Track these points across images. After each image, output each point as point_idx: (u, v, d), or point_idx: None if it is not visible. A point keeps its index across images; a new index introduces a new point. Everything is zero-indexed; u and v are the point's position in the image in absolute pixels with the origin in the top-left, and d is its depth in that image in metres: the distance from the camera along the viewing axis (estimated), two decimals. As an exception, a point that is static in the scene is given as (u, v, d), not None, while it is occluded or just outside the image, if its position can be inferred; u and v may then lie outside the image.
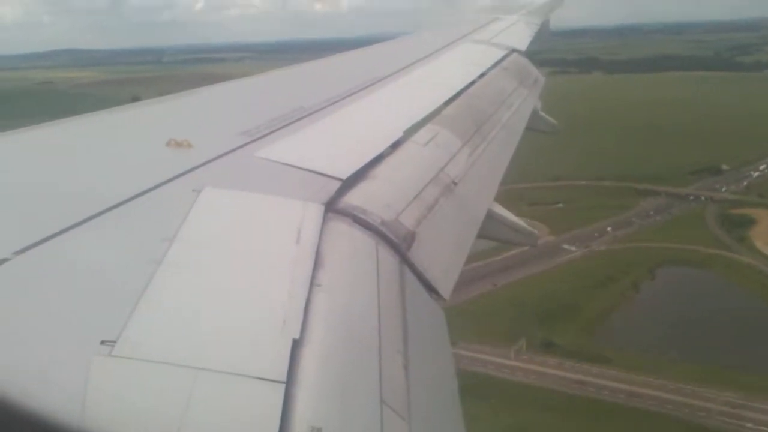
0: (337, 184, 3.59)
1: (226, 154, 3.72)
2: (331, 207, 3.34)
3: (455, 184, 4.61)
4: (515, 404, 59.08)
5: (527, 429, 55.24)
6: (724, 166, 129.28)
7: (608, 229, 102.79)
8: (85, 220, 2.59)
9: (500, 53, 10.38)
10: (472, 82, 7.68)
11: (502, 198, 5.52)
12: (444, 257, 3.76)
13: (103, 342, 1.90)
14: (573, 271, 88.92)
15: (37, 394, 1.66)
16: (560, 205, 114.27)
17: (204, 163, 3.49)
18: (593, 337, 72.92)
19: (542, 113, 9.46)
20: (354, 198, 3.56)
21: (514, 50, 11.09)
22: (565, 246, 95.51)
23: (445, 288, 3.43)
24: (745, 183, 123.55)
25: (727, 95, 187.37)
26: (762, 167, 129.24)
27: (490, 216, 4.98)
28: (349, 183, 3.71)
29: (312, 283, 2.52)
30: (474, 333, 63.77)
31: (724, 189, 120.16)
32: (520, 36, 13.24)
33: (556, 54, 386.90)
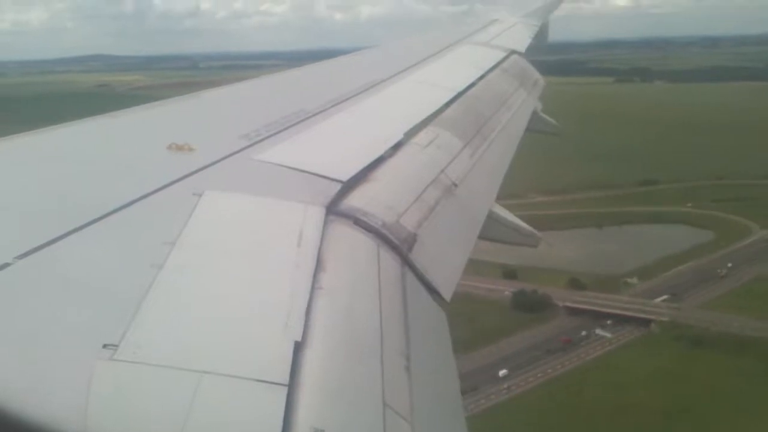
0: (338, 187, 3.58)
1: (227, 157, 3.71)
2: (332, 209, 3.34)
3: (456, 185, 4.59)
4: None
5: None
6: None
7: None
8: (86, 224, 2.58)
9: (500, 55, 10.34)
10: (472, 84, 7.64)
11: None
12: (446, 259, 3.76)
13: (105, 346, 1.91)
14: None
15: (39, 399, 1.67)
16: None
17: (205, 167, 3.48)
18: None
19: (543, 114, 9.38)
20: (355, 200, 3.56)
21: (513, 51, 11.06)
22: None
23: (447, 290, 3.43)
24: None
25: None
26: None
27: (492, 217, 4.97)
28: (350, 185, 3.70)
29: (314, 286, 2.54)
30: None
31: None
32: (520, 38, 13.19)
33: (603, 63, 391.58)
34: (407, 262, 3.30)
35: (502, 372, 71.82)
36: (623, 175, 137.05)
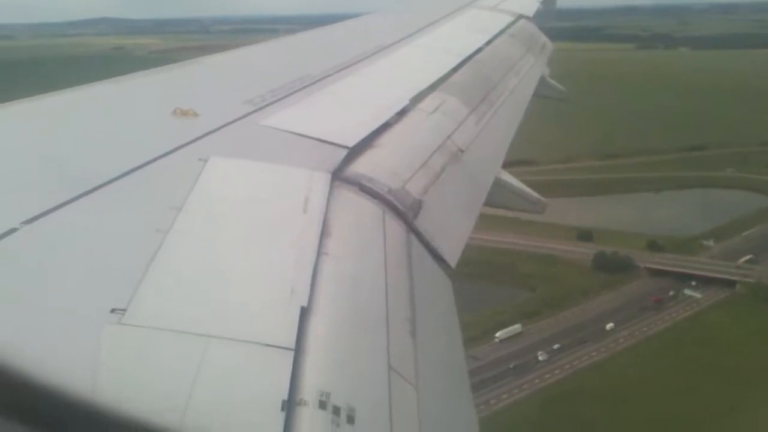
0: (343, 153, 3.56)
1: (231, 122, 3.70)
2: (338, 175, 3.33)
3: (462, 151, 4.57)
4: None
5: None
6: None
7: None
8: (92, 190, 2.58)
9: (507, 19, 10.24)
10: (479, 49, 7.57)
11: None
12: (451, 225, 3.75)
13: (113, 310, 1.92)
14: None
15: (48, 362, 1.68)
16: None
17: (210, 132, 3.47)
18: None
19: (550, 79, 9.31)
20: (360, 166, 3.54)
21: (521, 16, 10.95)
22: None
23: (452, 256, 3.42)
24: None
25: None
26: None
27: (498, 183, 4.93)
28: (356, 151, 3.68)
29: (319, 252, 2.53)
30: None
31: None
32: (527, 2, 13.00)
33: (621, 30, 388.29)
34: (413, 229, 3.30)
35: (609, 325, 73.71)
36: (670, 141, 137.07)
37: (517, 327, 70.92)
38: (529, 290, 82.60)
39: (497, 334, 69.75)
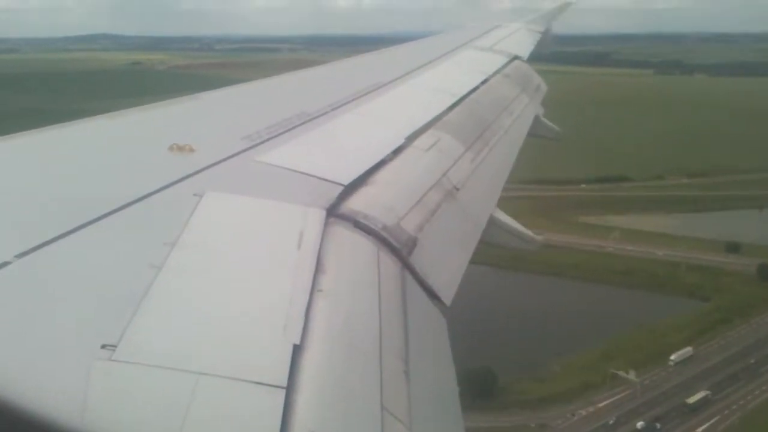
0: (338, 189, 3.60)
1: (228, 158, 3.73)
2: (333, 212, 3.35)
3: (457, 189, 4.60)
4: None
5: None
6: None
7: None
8: (87, 224, 2.59)
9: (502, 60, 10.44)
10: (475, 89, 7.71)
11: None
12: (446, 263, 3.76)
13: (104, 346, 1.91)
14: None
15: (38, 398, 1.66)
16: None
17: (206, 168, 3.50)
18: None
19: (544, 119, 9.39)
20: (355, 203, 3.56)
21: (516, 57, 11.17)
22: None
23: (447, 294, 3.43)
24: None
25: None
26: None
27: (492, 222, 4.97)
28: (351, 188, 3.71)
29: (313, 288, 2.53)
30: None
31: None
32: (522, 43, 13.33)
33: (628, 56, 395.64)
34: (407, 266, 3.30)
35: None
36: (741, 161, 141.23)
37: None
38: (701, 300, 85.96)
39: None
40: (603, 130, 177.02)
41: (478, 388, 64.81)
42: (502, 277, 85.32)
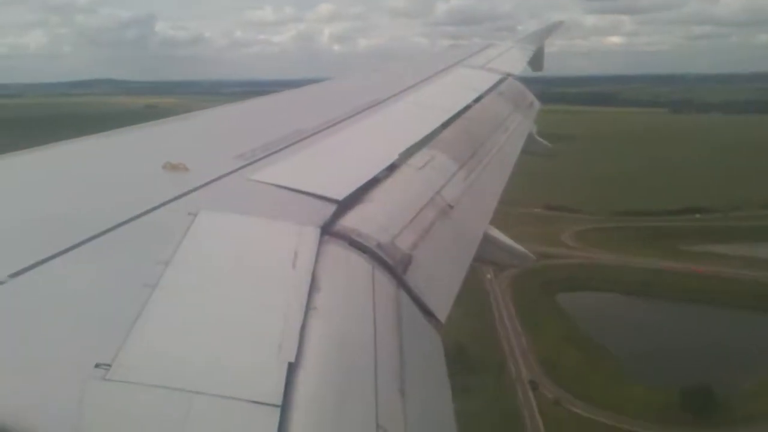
0: (333, 207, 3.60)
1: (222, 177, 3.73)
2: (327, 230, 3.34)
3: (451, 207, 4.61)
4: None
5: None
6: None
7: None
8: (81, 243, 2.60)
9: (495, 78, 10.49)
10: (468, 107, 7.73)
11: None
12: (441, 280, 3.76)
13: (97, 365, 1.90)
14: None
15: (30, 418, 1.66)
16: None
17: (200, 186, 3.50)
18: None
19: (537, 137, 9.48)
20: (350, 220, 3.56)
21: (509, 75, 11.21)
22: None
23: (442, 311, 3.43)
24: None
25: None
26: None
27: (486, 239, 4.98)
28: (346, 206, 3.72)
29: (308, 307, 2.53)
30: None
31: None
32: (515, 61, 13.40)
33: (634, 95, 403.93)
34: (402, 284, 3.29)
35: None
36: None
37: None
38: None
39: None
40: (659, 164, 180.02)
41: (699, 405, 67.00)
42: (633, 304, 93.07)
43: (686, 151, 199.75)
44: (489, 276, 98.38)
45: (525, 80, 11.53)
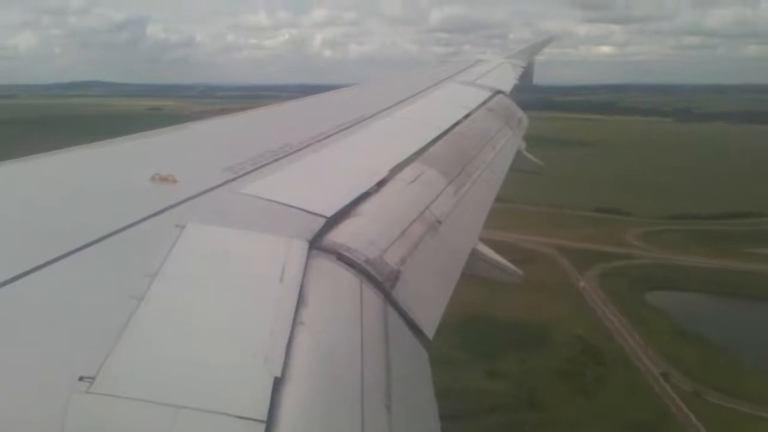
0: (321, 222, 3.60)
1: (210, 189, 3.73)
2: (316, 244, 3.34)
3: (440, 222, 4.63)
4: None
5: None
6: None
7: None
8: (67, 254, 2.59)
9: (485, 94, 10.58)
10: (458, 122, 7.81)
11: None
12: (428, 296, 3.76)
13: (81, 378, 1.89)
14: None
15: (12, 429, 1.65)
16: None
17: (188, 199, 3.50)
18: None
19: (526, 153, 9.56)
20: (338, 235, 3.57)
21: (499, 92, 11.31)
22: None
23: (429, 327, 3.43)
24: None
25: None
26: None
27: (475, 255, 5.01)
28: (334, 220, 3.72)
29: (295, 321, 2.53)
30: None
31: None
32: (505, 78, 13.53)
33: (632, 104, 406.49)
34: (390, 299, 3.29)
35: None
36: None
37: None
38: None
39: None
40: (686, 171, 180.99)
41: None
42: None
43: (709, 159, 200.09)
44: (582, 284, 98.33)
45: (520, 89, 11.93)
